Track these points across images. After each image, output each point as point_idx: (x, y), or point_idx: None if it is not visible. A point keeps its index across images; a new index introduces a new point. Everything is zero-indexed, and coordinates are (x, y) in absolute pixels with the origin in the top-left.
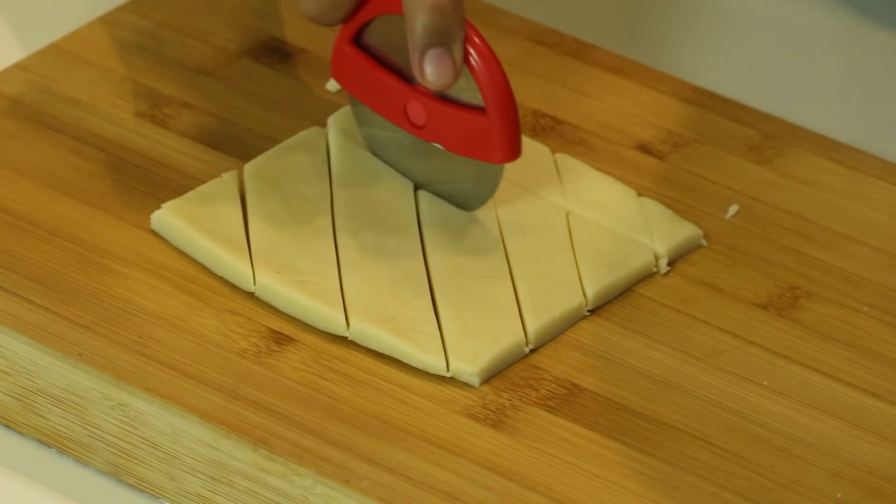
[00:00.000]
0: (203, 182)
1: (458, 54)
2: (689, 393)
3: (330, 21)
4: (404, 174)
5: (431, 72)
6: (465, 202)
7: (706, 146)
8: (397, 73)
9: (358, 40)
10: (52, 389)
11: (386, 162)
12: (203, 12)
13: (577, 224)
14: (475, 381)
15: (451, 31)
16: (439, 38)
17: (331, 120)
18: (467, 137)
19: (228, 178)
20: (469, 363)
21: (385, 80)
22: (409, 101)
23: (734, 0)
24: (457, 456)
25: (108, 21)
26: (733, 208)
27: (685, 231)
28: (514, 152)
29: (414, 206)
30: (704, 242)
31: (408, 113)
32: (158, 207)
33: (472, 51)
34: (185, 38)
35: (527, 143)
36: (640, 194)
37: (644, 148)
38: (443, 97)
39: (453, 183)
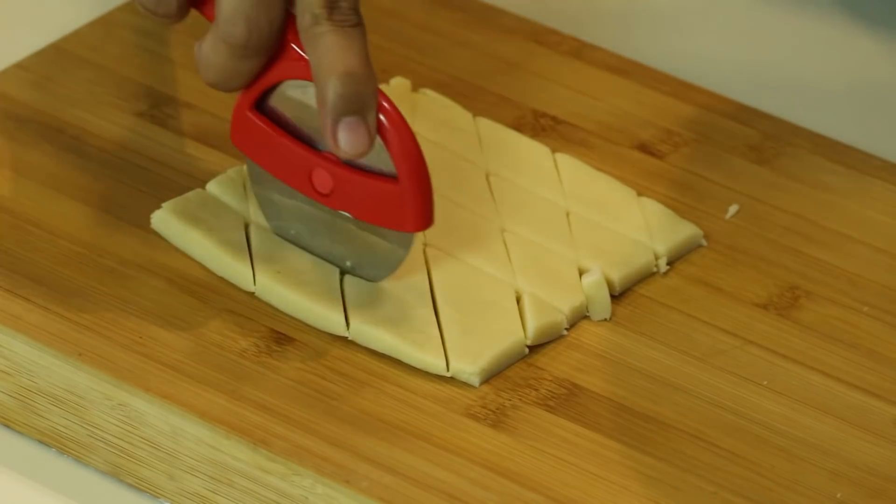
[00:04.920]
0: (203, 182)
1: (372, 122)
2: (690, 393)
3: (231, 88)
4: (305, 247)
5: (346, 140)
6: (372, 272)
7: (706, 146)
8: (300, 138)
9: (259, 105)
10: (52, 389)
11: (285, 236)
12: None
13: (577, 224)
14: (475, 381)
15: (365, 99)
16: (353, 106)
17: None
18: (377, 205)
19: (229, 177)
20: (469, 363)
21: (289, 146)
22: (315, 168)
23: (735, 1)
24: (457, 456)
25: (108, 21)
26: (733, 208)
27: (685, 231)
28: (427, 220)
29: None
30: (704, 242)
31: (313, 180)
32: (158, 207)
33: (382, 118)
34: (185, 38)
35: (527, 142)
36: (640, 194)
37: (644, 148)
38: (350, 164)
39: (358, 251)
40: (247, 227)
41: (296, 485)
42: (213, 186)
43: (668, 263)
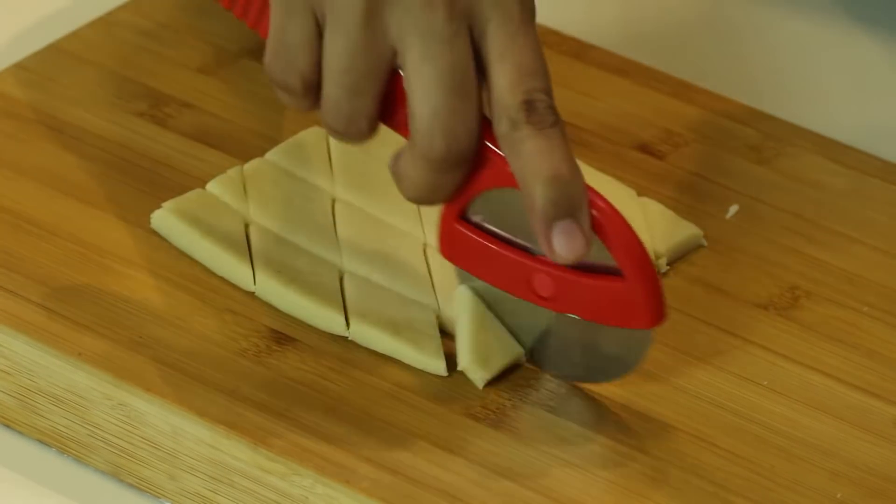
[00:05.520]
0: (203, 182)
1: (585, 222)
2: (689, 393)
3: (435, 203)
4: (533, 357)
5: (561, 246)
6: (603, 372)
7: (706, 146)
8: (513, 244)
9: (464, 215)
10: (52, 389)
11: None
12: (203, 12)
13: None
14: (481, 383)
15: (576, 200)
16: (565, 210)
17: None
18: (605, 304)
19: (229, 177)
20: (481, 366)
21: (504, 255)
22: (534, 272)
23: (735, 1)
24: (457, 456)
25: (108, 21)
26: (733, 208)
27: (685, 231)
28: (660, 314)
29: (416, 206)
30: (704, 242)
31: (533, 285)
32: (158, 207)
33: (595, 213)
34: (185, 38)
35: None
36: (640, 194)
37: (644, 148)
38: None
39: (589, 352)
40: (247, 227)
41: (296, 485)
42: (213, 186)
43: (669, 263)
